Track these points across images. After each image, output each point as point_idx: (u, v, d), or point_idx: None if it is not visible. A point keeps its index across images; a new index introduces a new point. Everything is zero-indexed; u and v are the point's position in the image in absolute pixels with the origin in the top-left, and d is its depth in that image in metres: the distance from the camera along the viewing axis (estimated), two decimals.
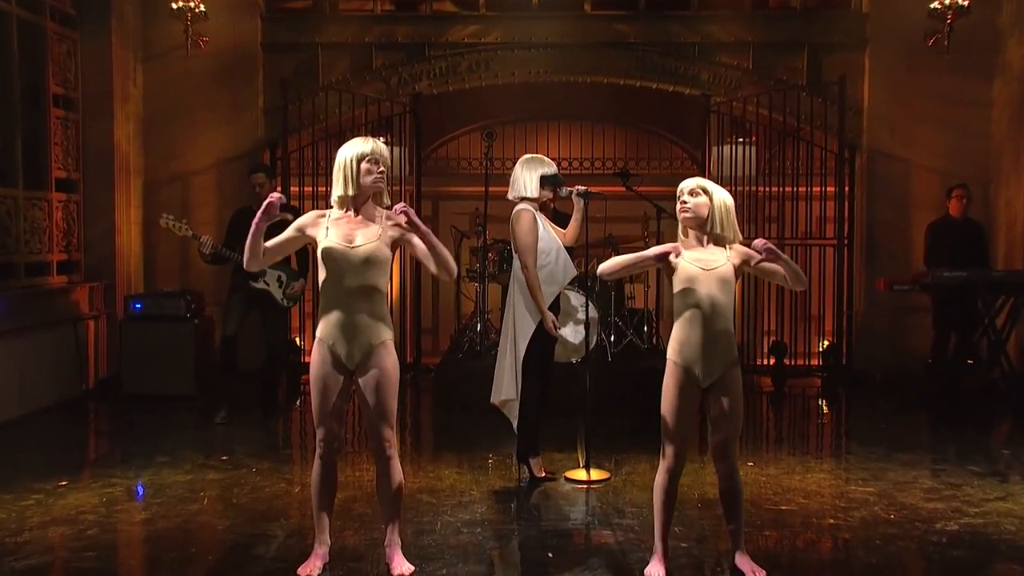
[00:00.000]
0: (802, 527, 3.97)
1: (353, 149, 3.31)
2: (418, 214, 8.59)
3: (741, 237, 3.33)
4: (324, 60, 7.85)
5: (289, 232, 3.36)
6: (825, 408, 6.86)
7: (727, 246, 3.29)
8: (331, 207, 3.38)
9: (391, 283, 7.85)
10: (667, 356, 3.34)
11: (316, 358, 3.31)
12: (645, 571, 3.39)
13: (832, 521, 4.02)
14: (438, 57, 7.82)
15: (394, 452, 3.35)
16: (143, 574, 3.57)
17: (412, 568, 3.38)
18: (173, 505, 4.22)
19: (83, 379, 6.83)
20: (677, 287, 3.28)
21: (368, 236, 3.28)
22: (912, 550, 3.68)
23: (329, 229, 3.29)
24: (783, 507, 4.22)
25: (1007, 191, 7.47)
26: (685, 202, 3.27)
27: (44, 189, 6.68)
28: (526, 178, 4.56)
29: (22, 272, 6.40)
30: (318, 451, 3.36)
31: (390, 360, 3.31)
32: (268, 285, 6.08)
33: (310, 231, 3.32)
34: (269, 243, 3.33)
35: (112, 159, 7.17)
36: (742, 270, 3.31)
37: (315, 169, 7.55)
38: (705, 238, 3.30)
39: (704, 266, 3.24)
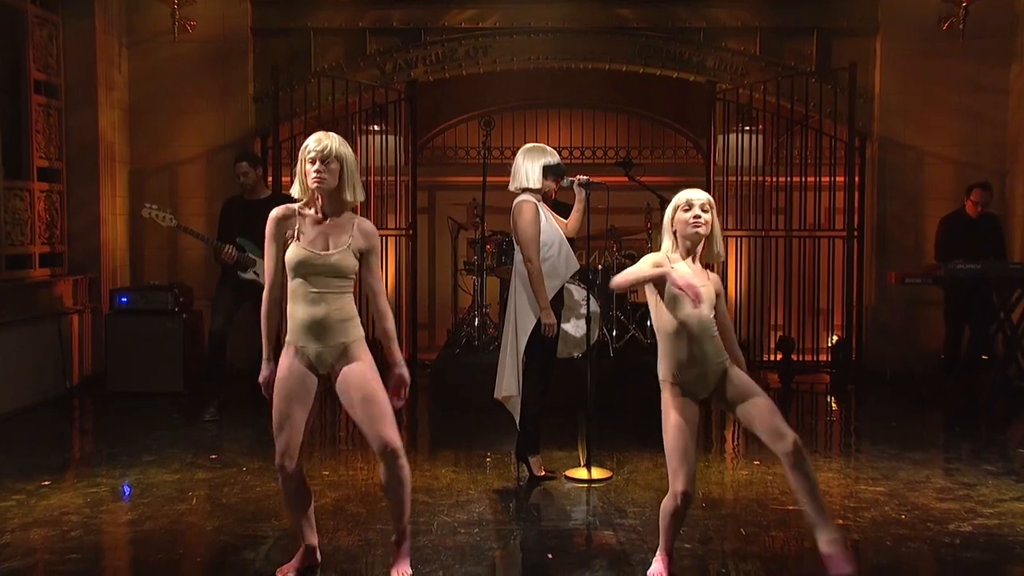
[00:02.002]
0: (810, 527, 3.82)
1: (304, 146, 3.18)
2: (413, 204, 8.43)
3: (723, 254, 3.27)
4: (316, 45, 7.71)
5: (272, 250, 3.24)
6: (834, 405, 6.76)
7: (708, 269, 3.23)
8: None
9: (386, 277, 7.70)
10: (659, 377, 3.22)
11: (283, 361, 3.23)
12: (648, 573, 3.33)
13: (841, 522, 3.93)
14: (434, 43, 7.67)
15: (401, 452, 3.17)
16: None
17: (409, 572, 3.29)
18: (160, 505, 4.16)
19: (67, 376, 6.72)
20: (666, 301, 3.14)
21: (338, 243, 3.18)
22: (924, 552, 3.62)
23: (300, 232, 3.18)
24: (790, 507, 4.13)
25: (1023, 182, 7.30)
26: (699, 216, 3.14)
27: (25, 179, 6.54)
28: (528, 168, 4.47)
29: (3, 265, 6.29)
30: (277, 463, 3.21)
31: (366, 356, 3.20)
32: (258, 275, 5.94)
33: (286, 232, 3.21)
34: (269, 271, 3.24)
35: (96, 148, 7.04)
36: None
37: None
38: (696, 256, 3.20)
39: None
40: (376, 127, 7.72)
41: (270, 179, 7.16)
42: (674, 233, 3.20)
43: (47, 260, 6.76)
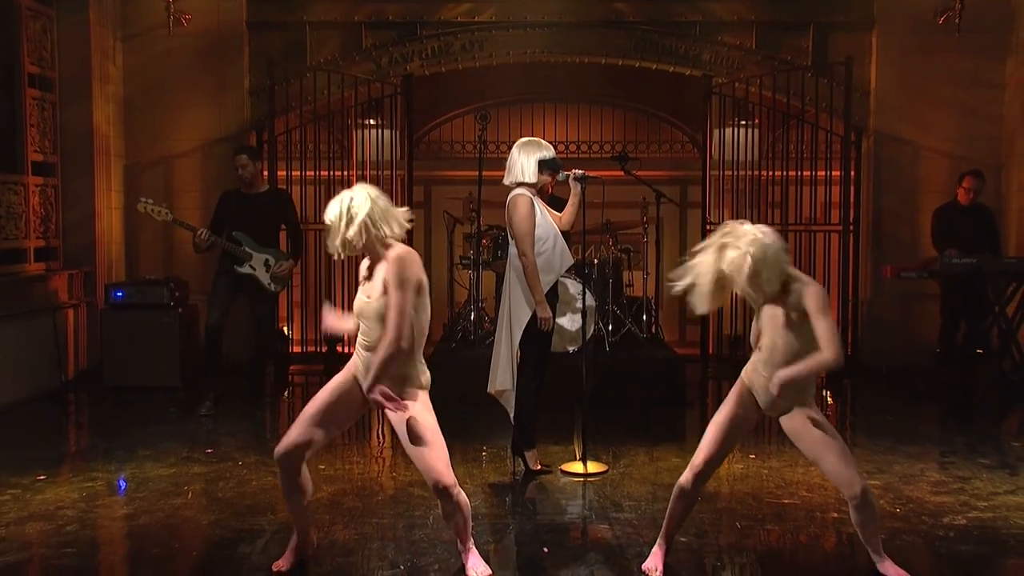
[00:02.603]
0: (805, 521, 3.90)
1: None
2: (409, 199, 8.42)
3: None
4: (312, 39, 7.67)
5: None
6: (830, 399, 6.75)
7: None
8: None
9: None
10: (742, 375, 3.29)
11: (348, 368, 3.25)
12: (643, 566, 3.32)
13: (836, 515, 3.93)
14: (430, 36, 7.64)
15: (453, 487, 3.15)
16: (125, 571, 3.51)
17: (489, 571, 3.27)
18: (156, 499, 4.14)
19: (62, 370, 6.67)
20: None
21: (375, 290, 3.15)
22: (918, 545, 3.61)
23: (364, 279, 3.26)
24: (786, 501, 4.15)
25: (1019, 176, 7.34)
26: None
27: (20, 172, 6.50)
28: (523, 162, 4.45)
29: None
30: (277, 451, 3.21)
31: (419, 395, 3.18)
32: (254, 269, 5.95)
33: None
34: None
35: (91, 142, 7.00)
36: (799, 304, 3.09)
37: (303, 152, 7.41)
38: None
39: (771, 310, 3.17)
40: (372, 121, 7.69)
41: (266, 173, 7.14)
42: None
43: (42, 254, 6.71)
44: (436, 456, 3.13)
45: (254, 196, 6.01)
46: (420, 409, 3.17)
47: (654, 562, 3.31)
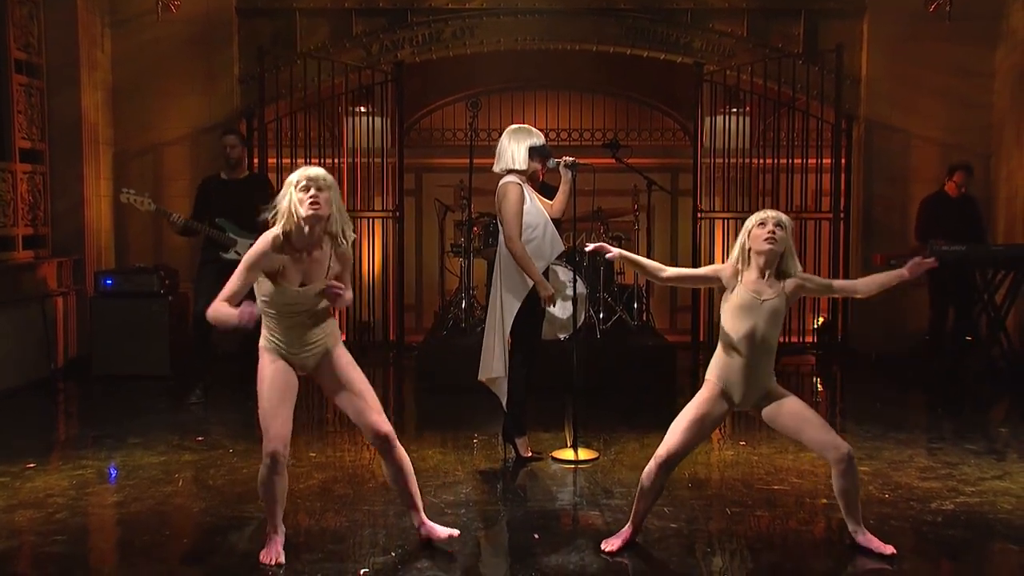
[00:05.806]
0: (795, 507, 3.92)
1: (292, 176, 3.13)
2: (400, 186, 8.36)
3: (800, 269, 3.30)
4: (302, 26, 7.61)
5: (245, 275, 3.12)
6: (819, 386, 6.78)
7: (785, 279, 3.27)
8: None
9: (373, 260, 7.68)
10: (706, 375, 3.36)
11: (267, 359, 3.25)
12: (603, 542, 3.39)
13: (825, 501, 3.94)
14: (421, 23, 7.60)
15: (393, 437, 3.27)
16: (115, 558, 3.49)
17: (455, 532, 3.39)
18: (146, 487, 4.13)
19: (52, 358, 6.64)
20: (727, 311, 3.26)
21: (319, 273, 3.18)
22: (906, 530, 3.63)
23: (286, 267, 3.13)
24: (775, 487, 4.16)
25: (1008, 164, 7.35)
26: (773, 232, 3.19)
27: (7, 160, 6.44)
28: (514, 150, 4.44)
29: None
30: (270, 451, 3.20)
31: (344, 351, 3.32)
32: (240, 255, 5.91)
33: (267, 268, 3.13)
34: (226, 293, 3.12)
35: (80, 129, 6.94)
36: (797, 295, 3.30)
37: (293, 140, 7.37)
38: (768, 272, 3.24)
39: (759, 296, 3.22)
40: (363, 108, 7.67)
41: (255, 160, 7.11)
42: (749, 251, 3.24)
43: (31, 242, 6.66)
44: (369, 405, 3.24)
45: (235, 182, 5.99)
46: (351, 359, 3.29)
47: (615, 541, 3.38)
